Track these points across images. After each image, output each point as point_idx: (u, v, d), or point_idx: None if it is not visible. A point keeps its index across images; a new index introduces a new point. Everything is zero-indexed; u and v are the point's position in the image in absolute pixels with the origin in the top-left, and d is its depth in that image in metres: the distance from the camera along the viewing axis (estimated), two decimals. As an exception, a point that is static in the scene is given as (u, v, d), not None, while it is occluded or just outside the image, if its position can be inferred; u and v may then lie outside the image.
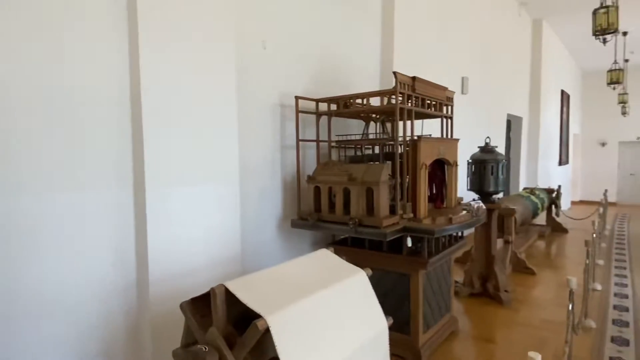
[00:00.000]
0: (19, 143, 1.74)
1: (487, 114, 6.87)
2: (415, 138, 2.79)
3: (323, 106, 3.15)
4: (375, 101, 3.38)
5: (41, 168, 1.81)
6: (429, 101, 3.02)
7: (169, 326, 2.15)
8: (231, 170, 2.52)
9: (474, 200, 3.46)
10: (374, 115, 3.36)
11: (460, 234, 3.14)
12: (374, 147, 3.36)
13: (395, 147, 2.75)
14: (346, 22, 3.72)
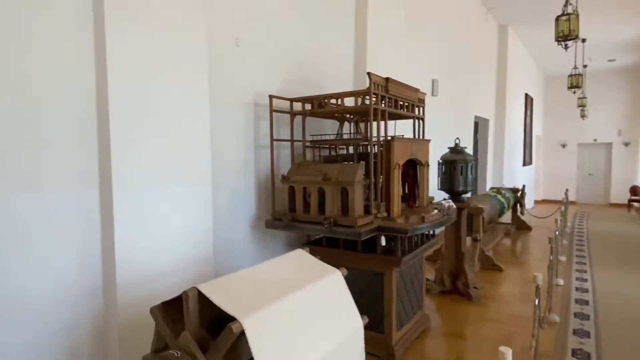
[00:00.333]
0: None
1: (456, 115, 7.06)
2: (388, 138, 2.82)
3: (297, 106, 3.14)
4: (349, 101, 3.39)
5: (1, 168, 1.71)
6: (401, 102, 3.07)
7: (139, 331, 2.08)
8: (203, 170, 2.46)
9: (444, 199, 3.53)
10: (348, 116, 3.37)
11: (432, 232, 3.21)
12: (348, 147, 3.38)
13: (369, 147, 2.77)
14: (320, 23, 3.72)
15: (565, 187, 10.73)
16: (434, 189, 4.23)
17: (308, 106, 3.10)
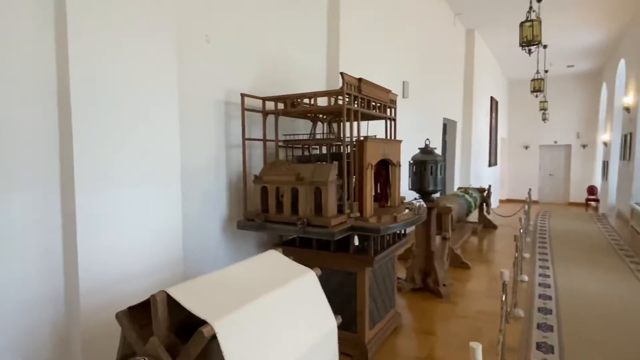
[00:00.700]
0: None
1: (426, 117, 7.21)
2: (361, 139, 2.83)
3: (270, 105, 3.10)
4: (322, 101, 3.39)
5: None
6: (374, 103, 3.09)
7: (103, 338, 1.99)
8: (172, 169, 2.39)
9: (415, 199, 3.59)
10: (321, 116, 3.37)
11: (403, 231, 3.25)
12: (321, 147, 3.37)
13: (342, 147, 2.77)
14: (293, 22, 3.69)
15: (528, 187, 11.21)
16: (405, 189, 4.30)
17: (281, 105, 3.07)
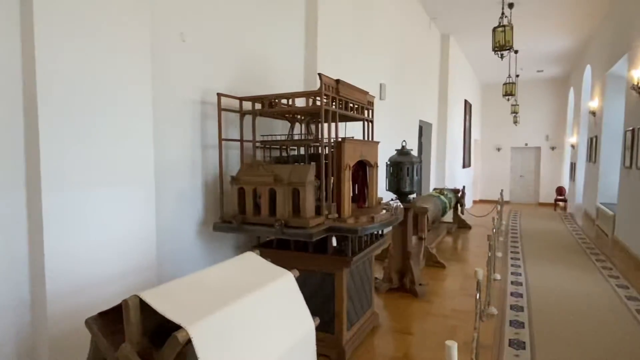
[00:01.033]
0: None
1: (402, 119, 7.31)
2: (339, 140, 2.84)
3: (247, 105, 3.07)
4: (300, 102, 3.38)
5: None
6: (351, 104, 3.11)
7: (72, 346, 1.91)
8: (145, 170, 2.32)
9: (392, 200, 3.63)
10: (299, 116, 3.36)
11: (380, 232, 3.28)
12: (299, 148, 3.36)
13: (320, 148, 2.77)
14: (271, 23, 3.67)
15: (500, 188, 11.53)
16: (382, 190, 4.33)
17: (258, 106, 3.04)
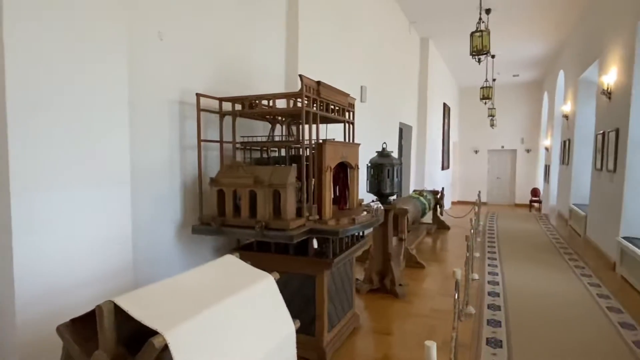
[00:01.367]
0: None
1: (383, 121, 7.37)
2: (320, 141, 2.84)
3: (227, 106, 3.03)
4: (281, 103, 3.36)
5: None
6: (332, 106, 3.11)
7: (43, 354, 1.84)
8: (121, 171, 2.26)
9: (373, 201, 3.66)
10: (280, 118, 3.34)
11: (361, 233, 3.29)
12: (280, 150, 3.34)
13: (301, 149, 2.76)
14: (251, 24, 3.64)
15: (477, 190, 11.78)
16: (363, 192, 4.35)
17: (238, 106, 3.01)
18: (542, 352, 2.99)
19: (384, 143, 4.31)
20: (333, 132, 3.78)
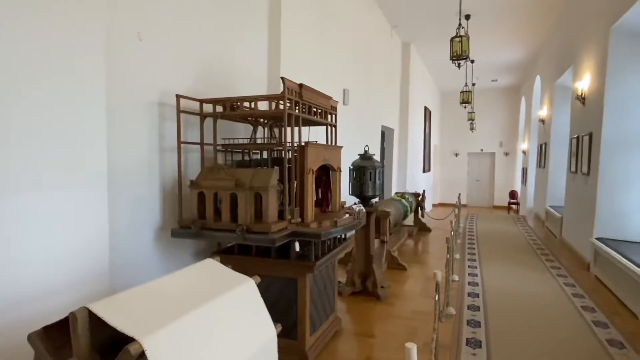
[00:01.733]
0: None
1: (365, 124, 7.42)
2: (302, 144, 2.83)
3: (208, 107, 2.99)
4: (263, 105, 3.34)
5: None
6: (315, 109, 3.11)
7: (13, 364, 1.77)
8: (97, 173, 2.20)
9: (355, 204, 3.67)
10: (262, 120, 3.32)
11: (344, 236, 3.29)
12: (261, 152, 3.32)
13: (283, 152, 2.75)
14: (233, 25, 3.61)
15: (458, 192, 11.98)
16: (345, 194, 4.36)
17: (219, 108, 2.98)
18: (520, 351, 3.06)
19: (366, 146, 4.34)
20: (315, 134, 3.78)
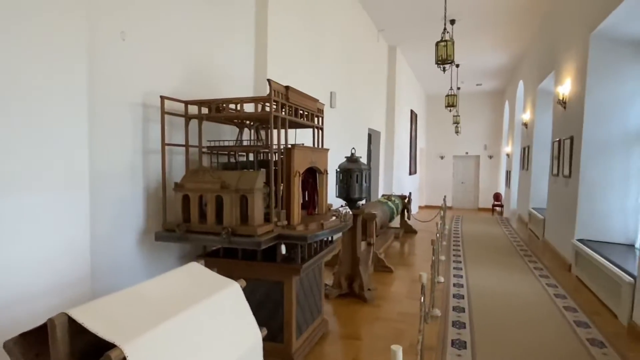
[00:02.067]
0: None
1: (352, 127, 7.45)
2: (289, 146, 2.82)
3: (193, 109, 2.96)
4: (249, 107, 3.32)
5: None
6: (301, 111, 3.11)
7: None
8: (78, 175, 2.15)
9: (342, 206, 3.67)
10: (248, 122, 3.30)
11: (330, 238, 3.29)
12: (248, 154, 3.30)
13: (270, 154, 2.73)
14: (220, 27, 3.58)
15: (443, 194, 12.11)
16: (332, 197, 4.37)
17: (205, 110, 2.95)
18: (504, 352, 3.09)
19: (353, 148, 4.35)
20: (302, 137, 3.78)
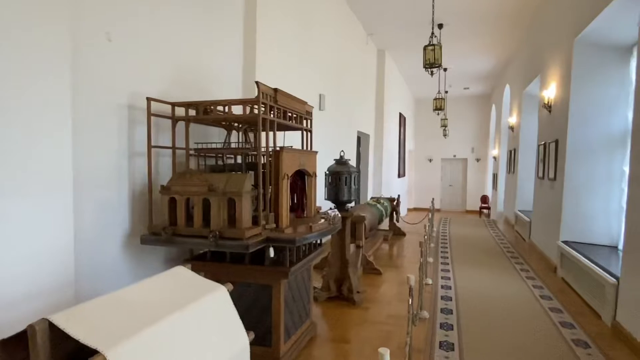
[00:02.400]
0: None
1: (341, 129, 7.46)
2: (277, 149, 2.81)
3: (180, 111, 2.93)
4: (237, 109, 3.31)
5: None
6: (290, 113, 3.10)
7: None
8: (61, 178, 2.11)
9: (330, 209, 3.67)
10: (236, 124, 3.28)
11: (319, 241, 3.28)
12: (236, 157, 3.28)
13: (258, 157, 2.72)
14: (208, 27, 3.56)
15: (432, 197, 12.21)
16: (321, 199, 4.36)
17: (192, 112, 2.92)
18: (491, 353, 3.12)
19: (342, 151, 4.36)
20: (291, 139, 3.77)
